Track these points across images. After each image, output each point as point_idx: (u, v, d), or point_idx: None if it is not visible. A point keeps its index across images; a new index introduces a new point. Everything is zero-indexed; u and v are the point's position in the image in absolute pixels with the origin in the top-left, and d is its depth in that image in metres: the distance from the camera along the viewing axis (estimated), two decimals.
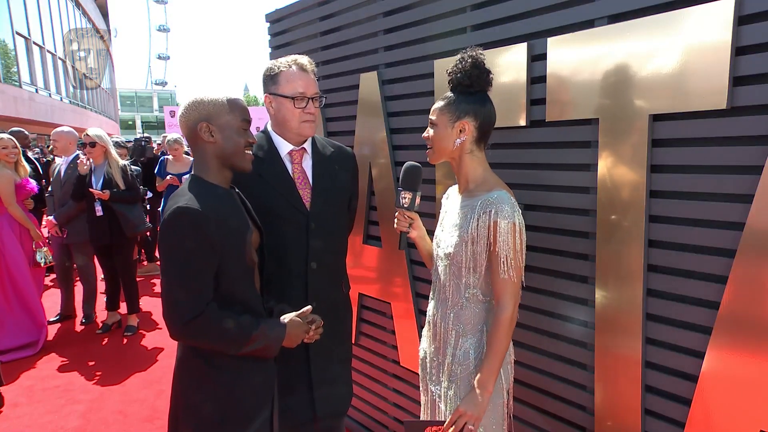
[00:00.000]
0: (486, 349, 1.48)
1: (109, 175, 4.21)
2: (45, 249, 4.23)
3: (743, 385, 1.31)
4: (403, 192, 1.65)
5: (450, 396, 1.56)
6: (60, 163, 4.62)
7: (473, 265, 1.50)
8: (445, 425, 1.46)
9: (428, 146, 1.59)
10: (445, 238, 1.58)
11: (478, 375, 1.46)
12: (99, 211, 4.19)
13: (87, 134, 4.24)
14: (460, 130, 1.51)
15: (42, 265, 4.22)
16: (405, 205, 1.65)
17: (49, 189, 4.82)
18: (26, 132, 6.24)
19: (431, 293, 1.70)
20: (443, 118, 1.53)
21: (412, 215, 1.68)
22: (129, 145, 6.82)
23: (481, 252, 1.48)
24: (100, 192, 4.11)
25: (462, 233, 1.50)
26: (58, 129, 4.61)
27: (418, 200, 1.67)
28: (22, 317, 4.17)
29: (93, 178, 4.22)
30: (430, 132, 1.57)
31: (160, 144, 7.88)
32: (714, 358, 1.36)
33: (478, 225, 1.46)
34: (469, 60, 1.48)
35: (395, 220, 1.69)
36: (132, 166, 4.54)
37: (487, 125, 1.54)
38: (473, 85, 1.50)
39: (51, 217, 4.43)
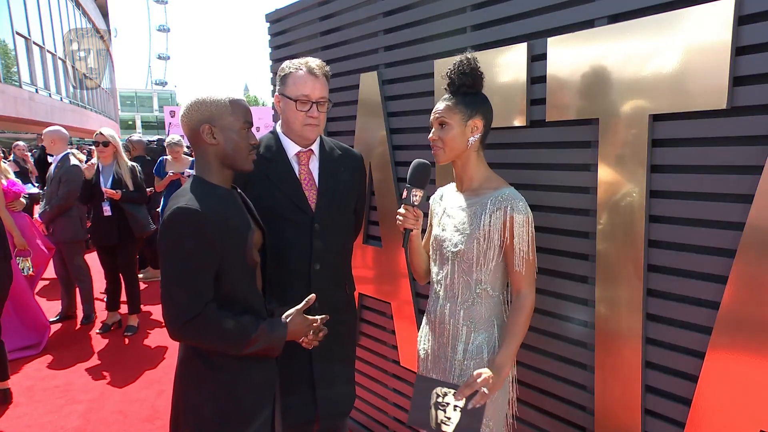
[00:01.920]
0: (506, 334, 1.50)
1: (118, 175, 4.23)
2: (24, 258, 4.15)
3: (743, 385, 1.31)
4: (414, 189, 1.61)
5: None
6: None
7: (484, 260, 1.53)
8: (461, 387, 1.42)
9: (438, 147, 1.57)
10: (450, 237, 1.59)
11: (497, 357, 1.47)
12: (107, 210, 4.20)
13: (101, 133, 4.25)
14: (473, 128, 1.54)
15: (24, 274, 4.18)
16: (415, 203, 1.62)
17: (44, 188, 4.81)
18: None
19: (432, 292, 1.70)
20: (456, 118, 1.53)
21: (419, 213, 1.65)
22: (152, 145, 6.85)
23: (494, 247, 1.52)
24: (113, 192, 4.12)
25: (472, 230, 1.53)
26: (47, 128, 4.63)
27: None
28: (19, 322, 4.17)
29: (101, 178, 4.23)
30: (439, 133, 1.56)
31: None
32: (714, 358, 1.36)
33: (490, 221, 1.50)
34: (470, 64, 1.53)
35: (400, 217, 1.64)
36: (139, 167, 4.56)
37: (490, 123, 1.59)
38: (474, 86, 1.54)
39: (37, 216, 4.44)
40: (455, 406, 1.42)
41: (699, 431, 1.41)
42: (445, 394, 1.44)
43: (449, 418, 1.42)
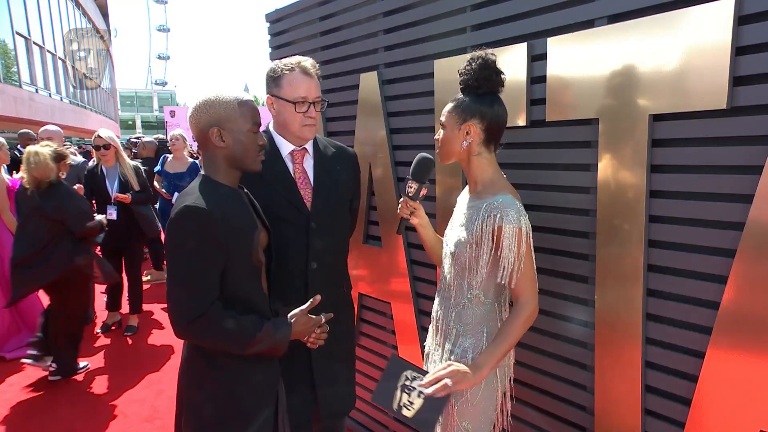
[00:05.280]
0: (496, 335, 1.46)
1: (124, 177, 4.19)
2: None
3: (743, 385, 1.31)
4: (410, 182, 1.68)
5: None
6: None
7: (475, 266, 1.50)
8: (425, 377, 1.44)
9: (437, 147, 1.60)
10: (452, 237, 1.60)
11: (479, 356, 1.45)
12: (113, 214, 4.10)
13: (99, 136, 4.14)
14: (467, 133, 1.51)
15: None
16: (409, 194, 1.68)
17: None
18: (33, 134, 6.23)
19: (438, 290, 1.71)
20: (451, 121, 1.53)
21: (416, 205, 1.70)
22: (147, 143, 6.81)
23: (484, 255, 1.47)
24: (124, 196, 4.08)
25: (467, 234, 1.52)
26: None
27: (423, 191, 1.69)
28: (21, 322, 4.16)
29: (107, 182, 4.20)
30: (440, 133, 1.58)
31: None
32: (714, 358, 1.36)
33: (482, 227, 1.46)
34: (479, 61, 1.47)
35: (399, 205, 1.72)
36: (141, 166, 4.55)
37: (494, 127, 1.51)
38: (481, 87, 1.49)
39: None
40: (420, 392, 1.44)
41: (699, 431, 1.41)
42: (414, 378, 1.47)
43: (412, 403, 1.44)
